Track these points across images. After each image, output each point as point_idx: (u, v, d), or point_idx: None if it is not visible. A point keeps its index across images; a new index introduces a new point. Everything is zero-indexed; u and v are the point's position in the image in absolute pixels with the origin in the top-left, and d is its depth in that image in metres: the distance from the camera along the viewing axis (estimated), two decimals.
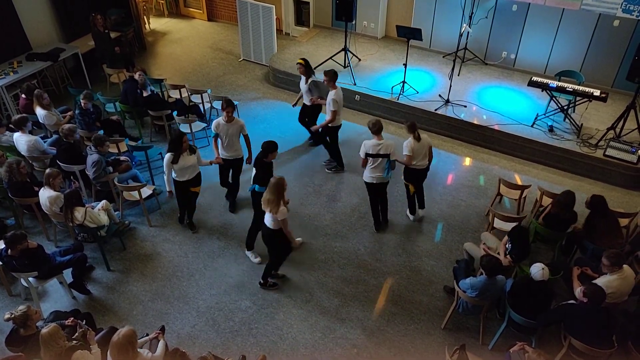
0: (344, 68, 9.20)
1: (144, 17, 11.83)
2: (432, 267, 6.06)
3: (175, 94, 8.51)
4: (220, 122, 6.15)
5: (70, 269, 5.60)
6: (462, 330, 5.33)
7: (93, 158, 6.29)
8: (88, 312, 5.19)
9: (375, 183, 6.07)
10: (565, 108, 7.63)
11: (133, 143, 7.64)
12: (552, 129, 7.63)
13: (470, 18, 8.72)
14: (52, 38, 9.51)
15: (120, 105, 8.04)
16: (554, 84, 7.40)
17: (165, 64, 10.55)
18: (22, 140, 6.68)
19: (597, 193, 5.70)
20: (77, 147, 6.68)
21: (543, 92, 7.56)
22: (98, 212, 5.89)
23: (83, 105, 7.24)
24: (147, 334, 4.61)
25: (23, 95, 7.67)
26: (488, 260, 4.76)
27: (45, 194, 5.80)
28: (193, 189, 6.15)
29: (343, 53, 9.13)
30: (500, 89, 8.75)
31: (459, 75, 8.93)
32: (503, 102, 8.37)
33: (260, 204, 5.19)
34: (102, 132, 7.35)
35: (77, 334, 4.30)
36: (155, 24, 12.21)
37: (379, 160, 5.88)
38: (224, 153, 6.34)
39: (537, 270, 4.57)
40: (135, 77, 7.76)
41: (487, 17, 8.95)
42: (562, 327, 4.74)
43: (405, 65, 8.29)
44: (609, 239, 5.40)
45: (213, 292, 5.75)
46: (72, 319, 4.53)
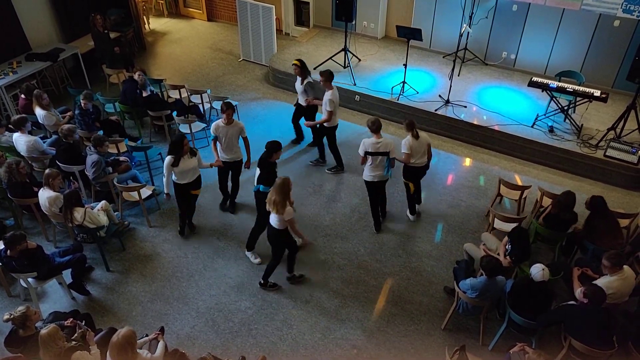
0: (344, 68, 9.19)
1: (144, 17, 11.82)
2: (432, 267, 6.05)
3: (175, 94, 8.50)
4: (220, 124, 6.10)
5: (70, 270, 5.59)
6: (462, 331, 5.32)
7: (92, 158, 6.28)
8: (87, 312, 5.18)
9: (376, 181, 6.09)
10: (566, 108, 7.62)
11: (132, 143, 7.64)
12: (552, 130, 7.63)
13: (471, 18, 8.72)
14: (51, 38, 9.50)
15: (120, 106, 8.03)
16: (554, 85, 7.40)
17: (165, 64, 10.55)
18: (21, 141, 6.67)
19: (597, 194, 5.70)
20: (76, 147, 6.67)
21: (543, 92, 7.55)
22: (97, 212, 5.89)
23: (83, 106, 7.23)
24: (146, 335, 4.61)
25: (22, 96, 7.66)
26: (488, 261, 4.76)
27: (45, 195, 5.79)
28: (193, 192, 6.09)
29: (343, 53, 9.12)
30: (501, 90, 8.74)
31: (459, 76, 8.92)
32: (503, 102, 8.36)
33: (264, 204, 5.19)
34: (101, 132, 7.35)
35: (76, 335, 4.29)
36: (155, 24, 12.21)
37: (379, 159, 5.89)
38: (223, 155, 6.29)
39: (537, 271, 4.56)
40: (135, 77, 7.75)
41: (487, 17, 8.95)
42: (562, 327, 4.74)
43: (405, 66, 8.28)
44: (609, 240, 5.40)
45: (213, 292, 5.74)
46: (71, 320, 4.52)
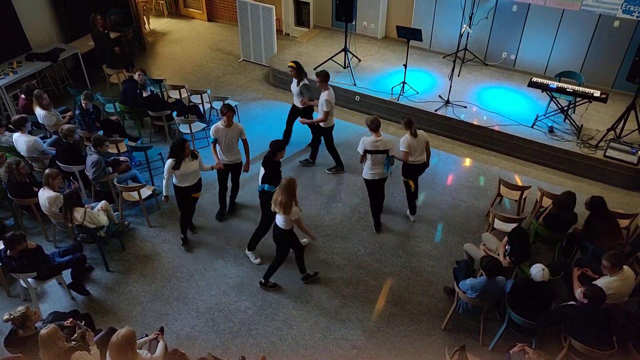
0: (344, 68, 9.20)
1: (144, 17, 11.83)
2: (432, 267, 6.05)
3: (175, 95, 8.51)
4: (219, 126, 6.05)
5: (70, 270, 5.59)
6: (462, 331, 5.32)
7: (92, 158, 6.28)
8: (87, 312, 5.18)
9: (376, 179, 6.11)
10: (566, 109, 7.62)
11: (132, 143, 7.64)
12: (552, 130, 7.63)
13: (471, 19, 8.72)
14: (51, 38, 9.50)
15: (120, 106, 8.03)
16: (554, 85, 7.40)
17: (165, 65, 10.55)
18: (21, 141, 6.67)
19: (597, 194, 5.70)
20: (76, 147, 6.67)
21: (543, 92, 7.55)
22: (97, 212, 5.88)
23: (84, 106, 7.23)
24: (146, 335, 4.61)
25: (22, 96, 7.67)
26: (488, 261, 4.76)
27: (45, 195, 5.79)
28: (194, 195, 6.02)
29: (343, 53, 9.12)
30: (500, 90, 8.75)
31: (459, 76, 8.92)
32: (503, 102, 8.37)
33: (269, 204, 5.19)
34: (101, 132, 7.35)
35: (76, 335, 4.29)
36: (155, 24, 12.21)
37: (378, 157, 5.91)
38: (223, 158, 6.23)
39: (537, 271, 4.57)
40: (135, 77, 7.74)
41: (487, 17, 8.95)
42: (562, 328, 4.74)
43: (405, 66, 8.28)
44: (609, 240, 5.40)
45: (213, 292, 5.74)
46: (71, 320, 4.52)
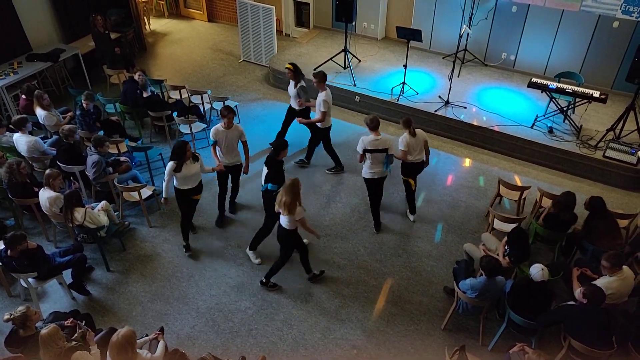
0: (344, 69, 9.21)
1: (144, 17, 11.84)
2: (432, 267, 6.06)
3: (176, 95, 8.51)
4: (219, 128, 6.02)
5: (70, 270, 5.60)
6: (462, 331, 5.33)
7: (93, 159, 6.29)
8: (87, 312, 5.19)
9: (376, 178, 6.13)
10: (565, 109, 7.63)
11: (133, 144, 7.64)
12: (551, 130, 7.64)
13: (470, 19, 8.73)
14: (52, 39, 9.51)
15: (120, 106, 8.04)
16: (554, 85, 7.41)
17: (166, 65, 10.56)
18: (22, 141, 6.68)
19: (596, 194, 5.71)
20: (77, 147, 6.68)
21: (543, 93, 7.56)
22: (98, 212, 5.89)
23: (85, 106, 7.24)
24: (146, 335, 4.61)
25: (23, 96, 7.68)
26: (488, 261, 4.76)
27: (45, 195, 5.79)
28: (195, 197, 5.97)
29: (343, 54, 9.13)
30: (500, 90, 8.75)
31: (459, 77, 8.93)
32: (503, 103, 8.38)
33: (272, 203, 5.20)
34: (102, 132, 7.36)
35: (76, 335, 4.30)
36: (156, 25, 12.22)
37: (378, 156, 5.93)
38: (223, 160, 6.20)
39: (536, 271, 4.57)
40: (135, 77, 7.75)
41: (486, 18, 8.96)
42: (561, 328, 4.75)
43: (405, 67, 8.29)
44: (608, 240, 5.41)
45: (213, 292, 5.75)
46: (71, 320, 4.52)
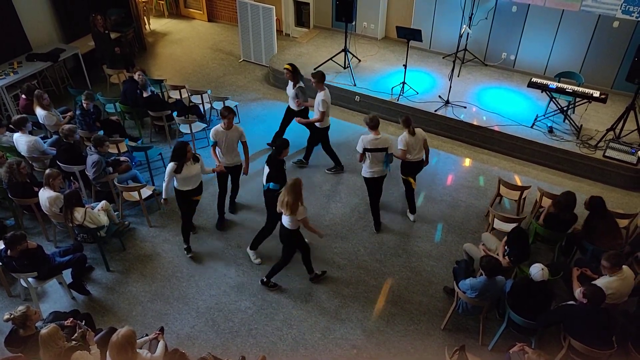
0: (344, 69, 9.21)
1: (144, 17, 11.84)
2: (431, 267, 6.06)
3: (176, 95, 8.52)
4: (219, 129, 5.99)
5: (70, 270, 5.60)
6: (461, 331, 5.33)
7: (93, 158, 6.29)
8: (87, 312, 5.19)
9: (376, 177, 6.14)
10: (565, 109, 7.63)
11: (133, 143, 7.64)
12: (551, 130, 7.64)
13: (470, 19, 8.73)
14: (52, 38, 9.51)
15: (120, 106, 8.04)
16: (554, 85, 7.41)
17: (166, 65, 10.56)
18: (22, 141, 6.68)
19: (596, 194, 5.71)
20: (77, 147, 6.67)
21: (543, 93, 7.56)
22: (98, 212, 5.89)
23: (85, 106, 7.24)
24: (146, 335, 4.62)
25: (23, 96, 7.68)
26: (488, 261, 4.76)
27: (45, 195, 5.79)
28: (195, 198, 5.94)
29: (343, 54, 9.13)
30: (500, 90, 8.75)
31: (459, 76, 8.93)
32: (503, 103, 8.37)
33: (274, 203, 5.20)
34: (102, 132, 7.36)
35: (76, 335, 4.30)
36: (156, 25, 12.22)
37: (378, 155, 5.94)
38: (223, 160, 6.17)
39: (536, 271, 4.57)
40: (135, 77, 7.75)
41: (486, 18, 8.96)
42: (561, 327, 4.75)
43: (405, 66, 8.29)
44: (608, 240, 5.40)
45: (213, 292, 5.75)
46: (71, 320, 4.52)
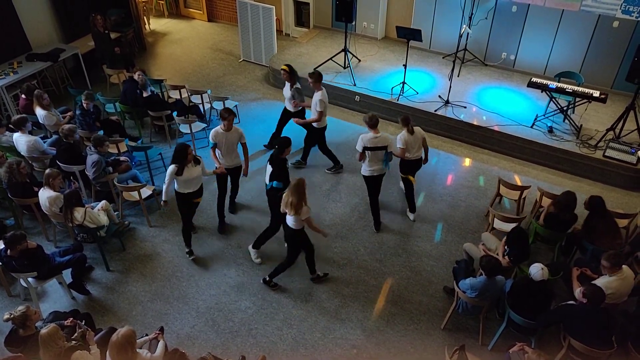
0: (344, 69, 9.21)
1: (144, 17, 11.84)
2: (431, 267, 6.06)
3: (175, 95, 8.52)
4: (219, 131, 5.98)
5: (70, 270, 5.60)
6: (461, 331, 5.33)
7: (93, 158, 6.29)
8: (87, 312, 5.19)
9: (375, 175, 6.15)
10: (565, 109, 7.64)
11: (133, 143, 7.64)
12: (551, 130, 7.64)
13: (470, 19, 8.73)
14: (52, 38, 9.51)
15: (120, 106, 8.04)
16: (554, 85, 7.41)
17: (165, 65, 10.56)
18: (21, 141, 6.68)
19: (596, 194, 5.71)
20: (76, 147, 6.67)
21: (543, 93, 7.56)
22: (98, 212, 5.89)
23: (85, 106, 7.24)
24: (146, 334, 4.62)
25: (23, 96, 7.68)
26: (487, 261, 4.76)
27: (45, 195, 5.79)
28: (195, 200, 5.90)
29: (343, 54, 9.13)
30: (500, 90, 8.76)
31: (459, 76, 8.93)
32: (503, 103, 8.38)
33: (277, 201, 5.20)
34: (101, 132, 7.36)
35: (76, 334, 4.30)
36: (155, 25, 12.22)
37: (378, 154, 5.95)
38: (223, 162, 6.15)
39: (536, 271, 4.57)
40: (135, 77, 7.75)
41: (486, 18, 8.96)
42: (561, 327, 4.75)
43: (405, 66, 8.29)
44: (608, 240, 5.40)
45: (213, 292, 5.75)
46: (71, 319, 4.52)
